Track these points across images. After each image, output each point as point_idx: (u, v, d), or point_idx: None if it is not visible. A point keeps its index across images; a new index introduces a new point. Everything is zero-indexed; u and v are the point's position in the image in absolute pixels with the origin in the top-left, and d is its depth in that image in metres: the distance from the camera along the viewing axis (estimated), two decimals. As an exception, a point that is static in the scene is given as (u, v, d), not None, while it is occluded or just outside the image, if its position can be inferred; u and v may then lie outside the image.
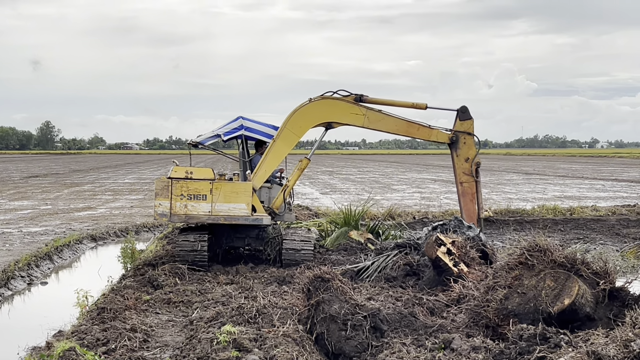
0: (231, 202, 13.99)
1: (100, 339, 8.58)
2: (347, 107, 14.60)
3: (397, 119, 14.72)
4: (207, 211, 14.01)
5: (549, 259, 8.34)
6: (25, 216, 25.43)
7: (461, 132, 14.66)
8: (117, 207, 30.00)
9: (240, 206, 14.00)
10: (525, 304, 8.17)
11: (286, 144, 14.64)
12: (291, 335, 8.11)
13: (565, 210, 25.05)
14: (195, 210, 14.02)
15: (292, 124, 14.59)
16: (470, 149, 14.68)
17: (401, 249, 13.43)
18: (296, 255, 14.38)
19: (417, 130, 14.78)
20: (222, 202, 13.98)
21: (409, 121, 14.75)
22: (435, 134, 14.81)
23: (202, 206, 14.01)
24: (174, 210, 14.03)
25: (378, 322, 8.51)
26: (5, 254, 16.65)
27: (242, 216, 14.02)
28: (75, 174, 63.24)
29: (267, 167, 14.66)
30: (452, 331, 8.46)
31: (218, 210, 14.01)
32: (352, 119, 14.66)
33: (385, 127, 14.72)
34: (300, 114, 14.59)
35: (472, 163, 14.63)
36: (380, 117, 14.62)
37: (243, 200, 14.00)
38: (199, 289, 12.05)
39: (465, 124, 14.71)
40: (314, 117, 14.63)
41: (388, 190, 39.65)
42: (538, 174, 61.05)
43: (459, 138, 14.67)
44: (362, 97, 14.59)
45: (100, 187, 43.70)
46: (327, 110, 14.62)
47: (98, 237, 20.74)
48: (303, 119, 14.63)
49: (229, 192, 14.02)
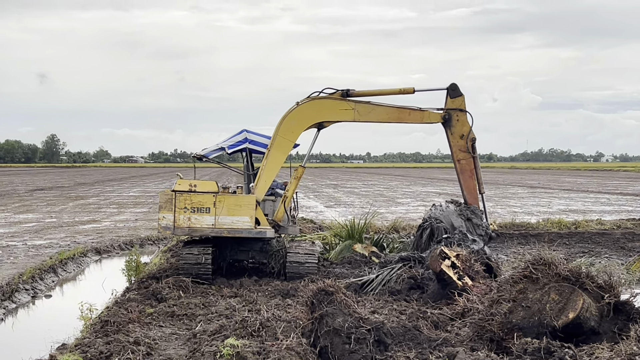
0: (235, 215, 13.98)
1: (103, 352, 8.56)
2: (335, 105, 14.52)
3: (387, 107, 14.63)
4: (211, 224, 14.00)
5: (554, 272, 8.33)
6: (30, 229, 25.46)
7: (453, 110, 14.62)
8: (121, 220, 30.02)
9: (243, 219, 13.98)
10: (530, 318, 8.15)
11: (281, 151, 14.61)
12: (295, 348, 8.09)
13: (570, 223, 24.99)
14: (199, 223, 14.00)
15: (284, 131, 14.55)
16: (464, 125, 14.65)
17: (405, 262, 13.41)
18: (300, 268, 14.36)
19: (408, 115, 14.70)
20: (226, 215, 13.97)
21: (400, 107, 14.64)
22: (427, 116, 14.74)
23: (206, 219, 13.99)
24: (178, 223, 14.03)
25: (382, 336, 8.48)
26: (9, 267, 16.65)
27: (245, 229, 14.01)
28: (80, 187, 63.33)
29: (267, 178, 14.66)
30: (456, 345, 8.43)
31: (221, 223, 13.99)
32: (342, 115, 14.59)
33: (376, 117, 14.62)
34: (290, 119, 14.55)
35: (467, 139, 14.62)
36: (370, 108, 14.53)
37: (246, 213, 13.99)
38: (202, 302, 12.03)
39: (456, 101, 14.64)
40: (305, 119, 14.57)
41: (392, 204, 39.63)
42: (543, 187, 60.98)
43: (452, 116, 14.64)
44: (348, 91, 14.52)
45: (105, 200, 43.74)
46: (316, 110, 14.57)
47: (102, 250, 20.73)
48: (294, 124, 14.57)
49: (233, 205, 14.00)
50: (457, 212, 14.79)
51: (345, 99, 14.51)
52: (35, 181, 78.22)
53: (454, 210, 14.84)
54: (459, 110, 14.62)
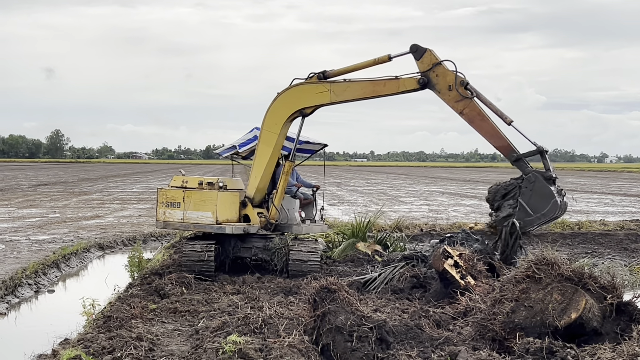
0: (200, 210, 14.26)
1: (106, 347, 8.57)
2: (310, 89, 14.24)
3: (362, 82, 13.99)
4: (180, 218, 14.43)
5: (557, 272, 8.33)
6: (34, 224, 25.51)
7: (428, 71, 13.38)
8: (125, 216, 30.07)
9: (206, 214, 14.22)
10: (532, 318, 8.15)
11: (268, 145, 14.55)
12: (297, 345, 8.10)
13: (574, 224, 24.98)
14: (172, 217, 14.52)
15: (268, 124, 14.51)
16: (445, 76, 13.30)
17: (408, 261, 13.39)
18: (303, 266, 14.37)
19: (384, 87, 13.82)
20: (192, 210, 14.32)
21: (374, 80, 13.91)
22: (403, 83, 13.67)
23: (177, 213, 14.46)
24: (158, 217, 14.76)
25: (384, 334, 8.49)
26: (13, 261, 16.69)
27: (208, 224, 14.23)
28: (84, 183, 63.41)
29: (256, 173, 14.69)
30: (459, 344, 8.43)
31: (189, 218, 14.36)
32: (319, 99, 14.25)
33: (352, 94, 14.06)
34: (272, 111, 14.49)
35: (456, 87, 13.18)
36: (345, 87, 14.03)
37: (209, 208, 14.19)
38: (205, 299, 12.04)
39: (424, 59, 13.41)
40: (284, 109, 14.42)
41: (396, 202, 39.64)
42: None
43: (429, 77, 13.37)
44: (325, 72, 14.18)
45: (109, 196, 43.81)
46: (294, 98, 14.37)
47: (105, 246, 20.78)
48: (275, 115, 14.48)
49: (198, 200, 14.28)
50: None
51: (321, 81, 14.18)
52: (39, 176, 78.33)
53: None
54: (432, 66, 13.34)
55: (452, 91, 13.21)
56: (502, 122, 13.29)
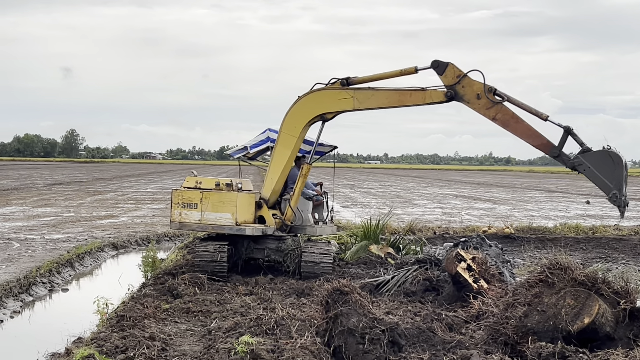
0: (218, 212, 14.22)
1: (119, 346, 8.62)
2: (334, 94, 14.25)
3: (387, 91, 14.02)
4: (197, 219, 14.33)
5: (570, 277, 8.30)
6: (48, 223, 25.64)
7: (453, 84, 13.34)
8: (138, 215, 30.17)
9: (225, 215, 14.16)
10: (545, 322, 8.13)
11: (286, 147, 14.56)
12: (309, 347, 8.12)
13: (588, 228, 24.87)
14: (188, 218, 14.41)
15: (287, 126, 14.50)
16: (472, 86, 13.25)
17: (421, 264, 13.39)
18: (315, 267, 14.38)
19: (410, 97, 13.83)
20: (210, 211, 14.25)
21: (400, 90, 13.94)
22: (430, 95, 13.64)
23: (194, 214, 14.37)
24: (172, 218, 14.62)
25: (396, 337, 8.49)
26: (27, 260, 16.78)
27: (227, 225, 14.20)
28: (99, 182, 63.68)
29: (273, 175, 14.70)
30: (471, 347, 8.42)
31: (206, 219, 14.29)
32: (341, 105, 14.25)
33: (377, 102, 14.07)
34: (292, 114, 14.48)
35: (485, 95, 13.11)
36: (370, 94, 14.03)
37: (228, 209, 14.16)
38: (218, 299, 12.07)
39: (447, 74, 13.41)
40: (305, 113, 14.43)
41: (409, 205, 39.59)
42: (561, 192, 60.70)
43: (456, 90, 13.36)
44: (348, 79, 14.19)
45: (123, 196, 43.97)
46: (315, 103, 14.36)
47: (119, 245, 20.86)
48: (295, 119, 14.47)
49: (216, 202, 14.24)
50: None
51: (345, 87, 14.20)
52: (54, 175, 78.73)
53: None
54: (458, 78, 13.30)
55: (482, 99, 13.15)
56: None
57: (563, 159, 12.92)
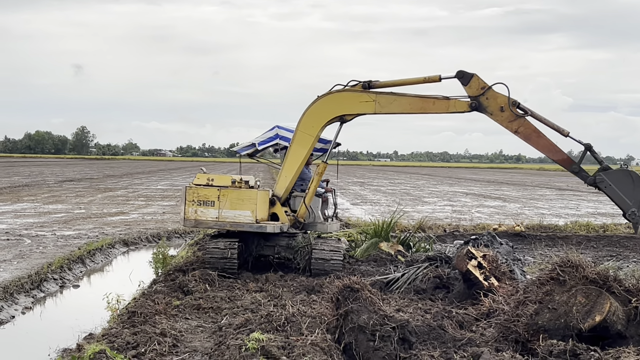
0: (237, 209, 14.15)
1: (130, 342, 8.65)
2: (355, 97, 14.22)
3: (410, 97, 14.01)
4: (215, 217, 14.24)
5: (581, 275, 8.28)
6: (59, 220, 25.73)
7: (478, 96, 13.49)
8: (149, 212, 30.25)
9: (245, 213, 14.12)
10: (556, 320, 8.12)
11: (302, 146, 14.55)
12: (319, 344, 8.13)
13: (599, 227, 24.80)
14: (204, 215, 14.31)
15: (304, 125, 14.47)
16: (496, 98, 13.40)
17: (432, 262, 13.37)
18: (325, 265, 14.39)
19: (433, 105, 13.89)
20: (229, 208, 14.17)
21: (423, 97, 13.97)
22: (454, 105, 13.76)
23: (210, 212, 14.27)
24: (187, 215, 14.43)
25: (407, 334, 8.49)
26: (38, 256, 16.85)
27: (246, 223, 14.15)
28: (109, 179, 63.85)
29: (287, 173, 14.66)
30: (481, 345, 8.41)
31: (224, 217, 14.21)
32: (362, 108, 14.24)
33: (398, 108, 14.07)
34: (310, 113, 14.44)
35: (508, 108, 13.30)
36: (392, 99, 14.01)
37: (248, 207, 14.12)
38: (228, 296, 12.10)
39: (472, 84, 13.55)
40: (324, 113, 14.40)
41: (419, 203, 39.53)
42: (571, 190, 60.49)
43: (480, 101, 13.50)
44: (370, 83, 14.20)
45: (133, 193, 44.07)
46: (335, 104, 14.33)
47: (130, 242, 20.92)
48: (314, 118, 14.44)
49: (235, 199, 14.17)
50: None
51: (366, 90, 14.19)
52: (65, 172, 79.00)
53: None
54: (484, 92, 13.45)
55: (505, 112, 13.32)
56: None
57: (582, 175, 13.32)
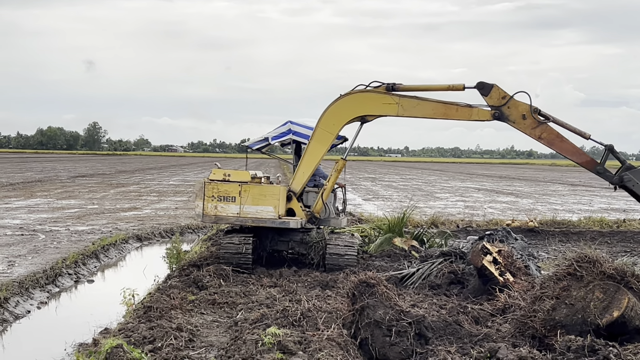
0: (259, 205, 14.11)
1: (146, 337, 8.67)
2: (378, 98, 14.19)
3: (434, 102, 14.04)
4: (236, 212, 14.18)
5: (598, 270, 8.24)
6: (73, 215, 25.82)
7: (500, 106, 13.55)
8: (162, 208, 30.32)
9: (267, 209, 14.09)
10: (573, 316, 8.09)
11: (321, 144, 14.51)
12: (335, 339, 8.13)
13: (612, 222, 24.69)
14: (225, 211, 14.23)
15: (325, 123, 14.41)
16: (517, 107, 13.49)
17: (446, 257, 13.35)
18: (340, 260, 14.38)
19: (456, 112, 13.93)
20: (250, 204, 14.12)
21: (447, 103, 14.01)
22: (476, 113, 13.82)
23: (231, 207, 14.19)
24: (206, 211, 14.32)
25: (423, 329, 8.48)
26: (53, 251, 16.92)
27: (269, 219, 14.12)
28: (121, 175, 64.04)
29: (305, 169, 14.63)
30: (498, 340, 8.39)
31: (246, 212, 14.15)
32: (385, 109, 14.25)
33: (421, 112, 14.10)
34: (332, 111, 14.38)
35: (530, 115, 13.38)
36: (415, 103, 14.04)
37: (271, 203, 14.09)
38: (243, 291, 12.11)
39: (492, 95, 13.61)
40: (346, 113, 14.35)
41: (431, 198, 39.46)
42: (584, 185, 60.25)
43: (502, 111, 13.58)
44: (394, 85, 14.15)
45: (146, 188, 44.18)
46: (358, 104, 14.30)
47: (143, 237, 20.98)
48: (335, 116, 14.38)
49: (257, 195, 14.13)
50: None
51: (390, 92, 14.17)
52: (77, 168, 79.27)
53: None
54: (507, 102, 13.51)
55: (527, 119, 13.42)
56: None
57: (607, 175, 13.40)
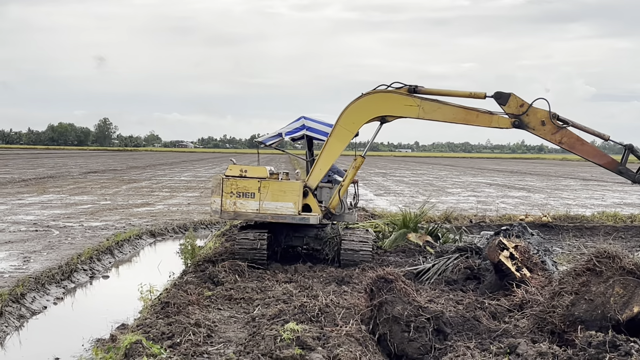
0: (279, 201, 14.08)
1: (165, 332, 8.68)
2: (400, 100, 14.20)
3: (455, 107, 14.07)
4: (255, 209, 14.14)
5: (618, 265, 8.19)
6: (86, 211, 25.90)
7: (520, 114, 13.67)
8: (174, 204, 30.37)
9: (287, 205, 14.06)
10: (593, 311, 8.04)
11: (340, 141, 14.49)
12: (354, 335, 8.14)
13: (626, 217, 24.56)
14: (244, 207, 14.18)
15: (345, 121, 14.40)
16: (536, 114, 13.61)
17: (462, 253, 13.32)
18: (354, 255, 14.36)
19: (476, 118, 14.03)
20: (270, 200, 14.08)
21: (467, 108, 14.05)
22: (497, 120, 13.92)
23: (251, 204, 14.15)
24: (224, 207, 14.26)
25: (441, 325, 8.47)
26: (68, 247, 16.97)
27: (289, 215, 14.09)
28: (133, 171, 64.20)
29: (322, 166, 14.61)
30: (517, 336, 8.36)
31: (265, 209, 14.12)
32: (406, 111, 14.25)
33: (442, 116, 14.11)
34: (353, 109, 14.37)
35: (549, 121, 13.51)
36: (437, 107, 14.05)
37: (290, 199, 14.07)
38: (259, 287, 12.11)
39: (510, 103, 13.72)
40: (367, 112, 14.35)
41: (443, 194, 39.38)
42: (596, 180, 59.97)
43: (521, 119, 13.70)
44: (416, 87, 14.16)
45: (157, 184, 44.27)
46: (379, 104, 14.30)
47: (157, 233, 21.03)
48: (356, 115, 14.38)
49: (277, 191, 14.10)
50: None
51: (411, 94, 14.17)
52: (89, 164, 79.55)
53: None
54: (527, 110, 13.61)
55: (547, 125, 13.57)
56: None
57: (629, 174, 13.74)
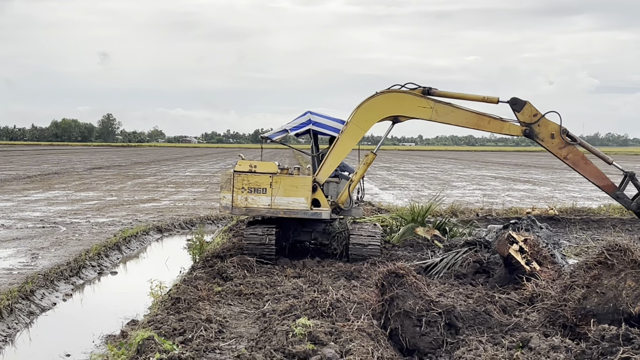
0: (291, 196, 14.06)
1: (176, 328, 8.69)
2: (414, 101, 14.24)
3: (467, 111, 14.18)
4: (267, 204, 14.12)
5: (630, 259, 8.16)
6: (92, 207, 25.93)
7: (532, 123, 13.85)
8: (180, 199, 30.38)
9: (299, 200, 14.05)
10: (605, 304, 8.03)
11: (351, 138, 14.50)
12: (366, 329, 8.13)
13: (633, 209, 24.48)
14: (256, 203, 14.14)
15: (358, 118, 14.41)
16: (547, 126, 13.76)
17: (471, 246, 13.29)
18: (363, 250, 14.35)
19: (487, 123, 14.13)
20: (282, 195, 14.05)
21: (480, 114, 14.15)
22: (508, 127, 14.05)
23: (262, 199, 14.11)
24: (236, 203, 14.20)
25: (453, 319, 8.46)
26: (75, 243, 16.99)
27: (301, 210, 14.07)
28: (137, 166, 64.22)
29: (332, 162, 14.61)
30: (528, 330, 8.35)
31: (277, 204, 14.09)
32: (419, 113, 14.27)
33: (454, 120, 14.22)
34: (366, 108, 14.38)
35: (559, 135, 13.66)
36: (449, 110, 14.13)
37: (302, 194, 14.06)
38: (268, 282, 12.11)
39: (525, 111, 13.85)
40: (380, 111, 14.37)
41: (448, 187, 39.35)
42: (601, 172, 59.81)
43: (532, 128, 13.86)
44: (430, 89, 14.20)
45: (163, 180, 44.29)
46: (393, 103, 14.31)
47: (164, 229, 21.04)
48: (369, 113, 14.40)
49: (289, 186, 14.07)
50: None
51: (425, 96, 14.21)
52: (93, 160, 79.57)
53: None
54: (539, 120, 13.77)
55: (555, 139, 13.74)
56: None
57: (625, 201, 14.01)
